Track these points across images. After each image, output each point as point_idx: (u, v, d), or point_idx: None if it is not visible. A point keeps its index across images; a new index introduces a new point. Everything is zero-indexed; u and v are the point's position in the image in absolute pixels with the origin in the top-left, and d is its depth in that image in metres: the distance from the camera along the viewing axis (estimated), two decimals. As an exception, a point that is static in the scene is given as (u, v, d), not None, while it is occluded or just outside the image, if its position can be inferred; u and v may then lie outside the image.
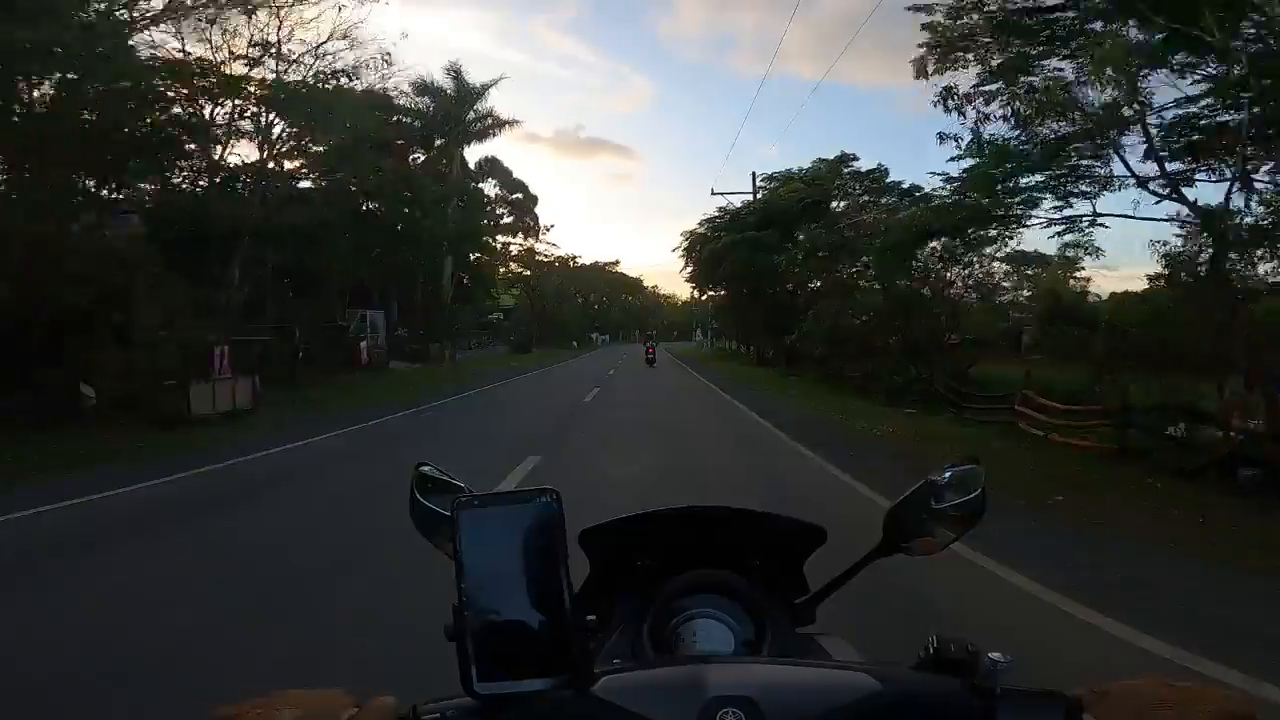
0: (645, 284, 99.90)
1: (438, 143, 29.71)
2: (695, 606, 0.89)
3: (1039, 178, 9.10)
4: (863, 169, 23.66)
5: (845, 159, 24.25)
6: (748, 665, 0.70)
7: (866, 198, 22.55)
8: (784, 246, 23.03)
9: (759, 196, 26.98)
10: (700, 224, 33.02)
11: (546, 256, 52.01)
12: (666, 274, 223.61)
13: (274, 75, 15.89)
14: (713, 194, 46.41)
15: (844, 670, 0.58)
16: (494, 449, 8.73)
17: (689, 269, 34.82)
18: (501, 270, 46.11)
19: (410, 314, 29.67)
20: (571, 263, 60.51)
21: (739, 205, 28.21)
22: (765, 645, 0.85)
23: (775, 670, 0.64)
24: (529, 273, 52.25)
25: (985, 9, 8.43)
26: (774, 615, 0.89)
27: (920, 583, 3.40)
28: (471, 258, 33.09)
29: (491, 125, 31.09)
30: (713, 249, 28.42)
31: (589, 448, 9.06)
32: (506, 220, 42.93)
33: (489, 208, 38.20)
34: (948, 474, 0.85)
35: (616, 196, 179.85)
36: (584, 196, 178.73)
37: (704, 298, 45.09)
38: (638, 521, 0.98)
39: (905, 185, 20.47)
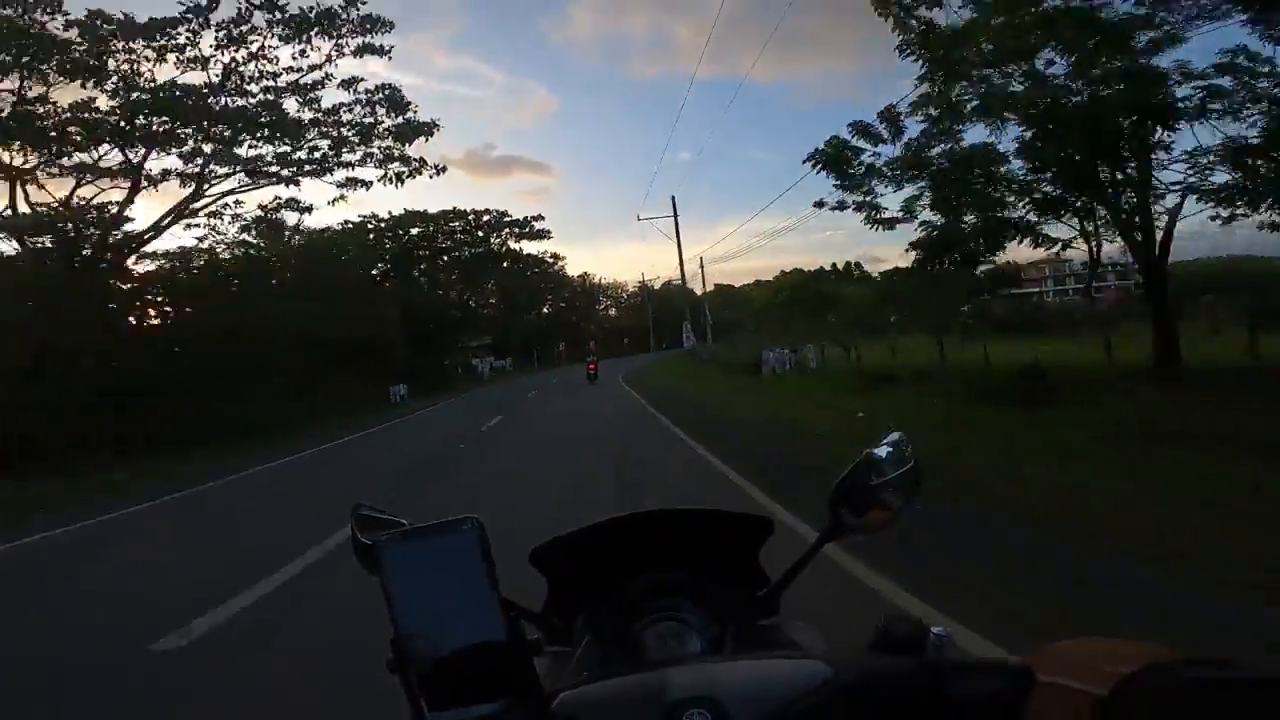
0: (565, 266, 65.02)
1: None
2: (657, 610, 0.90)
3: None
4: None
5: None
6: (710, 665, 0.71)
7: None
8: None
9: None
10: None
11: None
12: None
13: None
14: (639, 219, 51.25)
15: (802, 659, 0.60)
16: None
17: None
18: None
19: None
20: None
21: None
22: (729, 641, 0.86)
23: (736, 667, 0.64)
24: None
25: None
26: (735, 610, 0.91)
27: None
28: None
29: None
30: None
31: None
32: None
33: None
34: (879, 447, 0.86)
35: (541, 212, 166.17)
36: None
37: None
38: (587, 534, 0.99)
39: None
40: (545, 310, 66.89)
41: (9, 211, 16.43)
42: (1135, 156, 10.26)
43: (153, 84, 16.94)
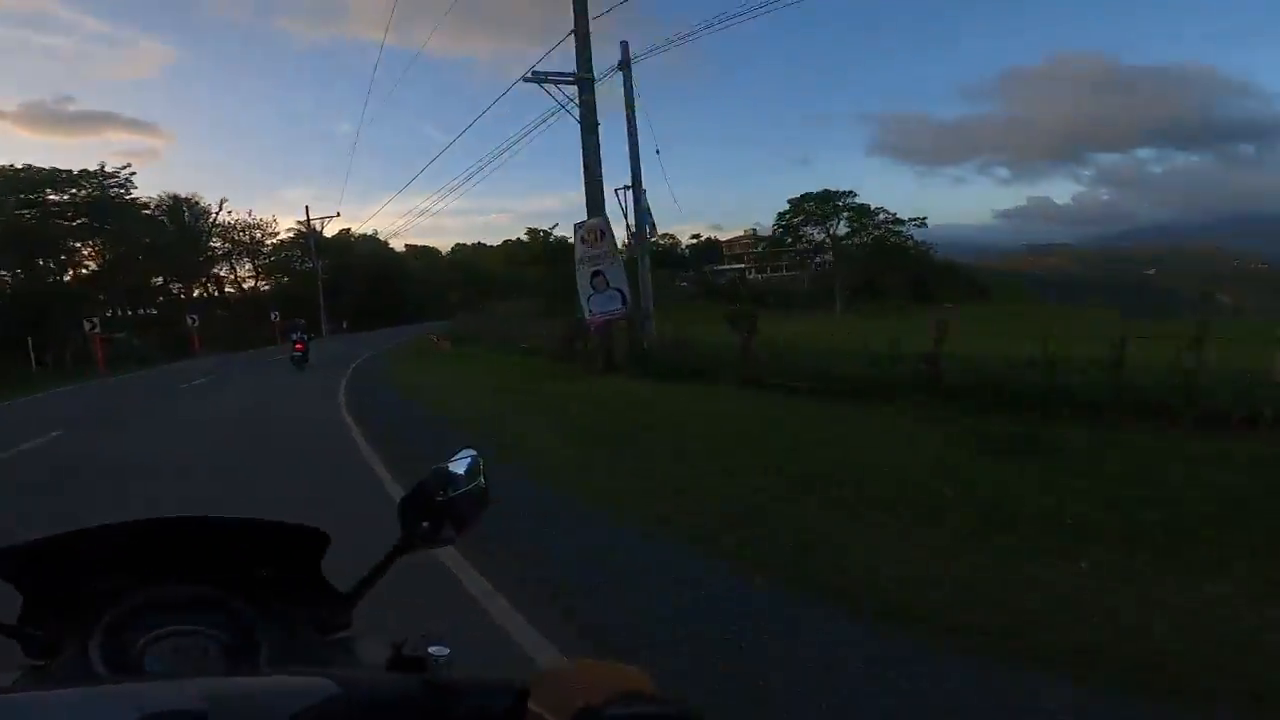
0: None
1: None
2: (171, 623, 0.84)
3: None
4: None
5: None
6: (206, 680, 0.60)
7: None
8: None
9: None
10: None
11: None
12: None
13: None
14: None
15: (305, 676, 0.57)
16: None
17: None
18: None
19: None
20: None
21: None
22: (262, 657, 0.83)
23: (234, 683, 0.61)
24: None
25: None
26: (271, 626, 0.87)
27: None
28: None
29: None
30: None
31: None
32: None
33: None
34: (449, 464, 0.91)
35: (145, 179, 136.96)
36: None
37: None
38: (81, 540, 0.88)
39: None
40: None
41: None
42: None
43: None
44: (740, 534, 4.27)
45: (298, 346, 19.73)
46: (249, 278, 53.94)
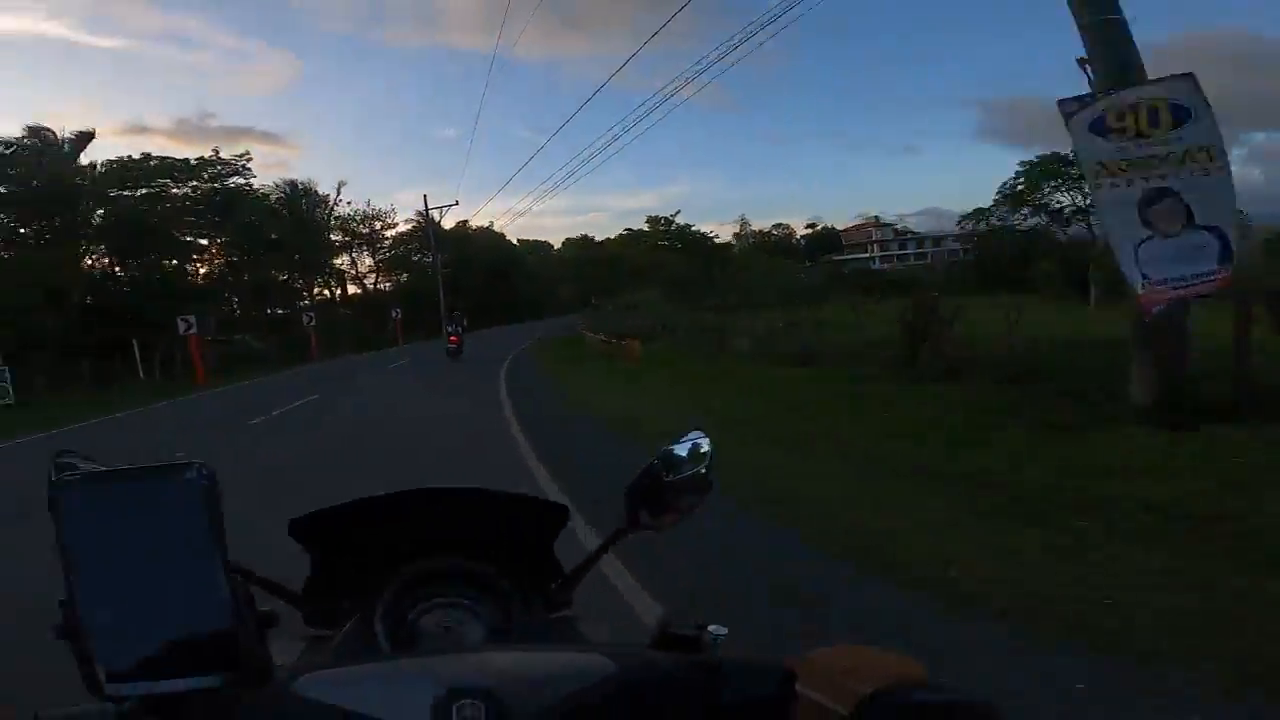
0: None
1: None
2: (437, 596, 0.87)
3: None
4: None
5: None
6: (486, 654, 0.64)
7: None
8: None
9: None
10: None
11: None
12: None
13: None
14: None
15: (581, 654, 0.58)
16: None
17: None
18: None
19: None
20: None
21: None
22: (514, 632, 0.85)
23: (514, 658, 0.60)
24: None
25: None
26: (523, 601, 0.89)
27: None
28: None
29: None
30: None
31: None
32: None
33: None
34: (677, 446, 0.87)
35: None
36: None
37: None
38: (362, 507, 0.92)
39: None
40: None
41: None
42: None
43: None
44: None
45: (452, 340, 19.69)
46: (369, 273, 49.43)
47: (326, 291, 45.26)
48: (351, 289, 48.13)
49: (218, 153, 33.58)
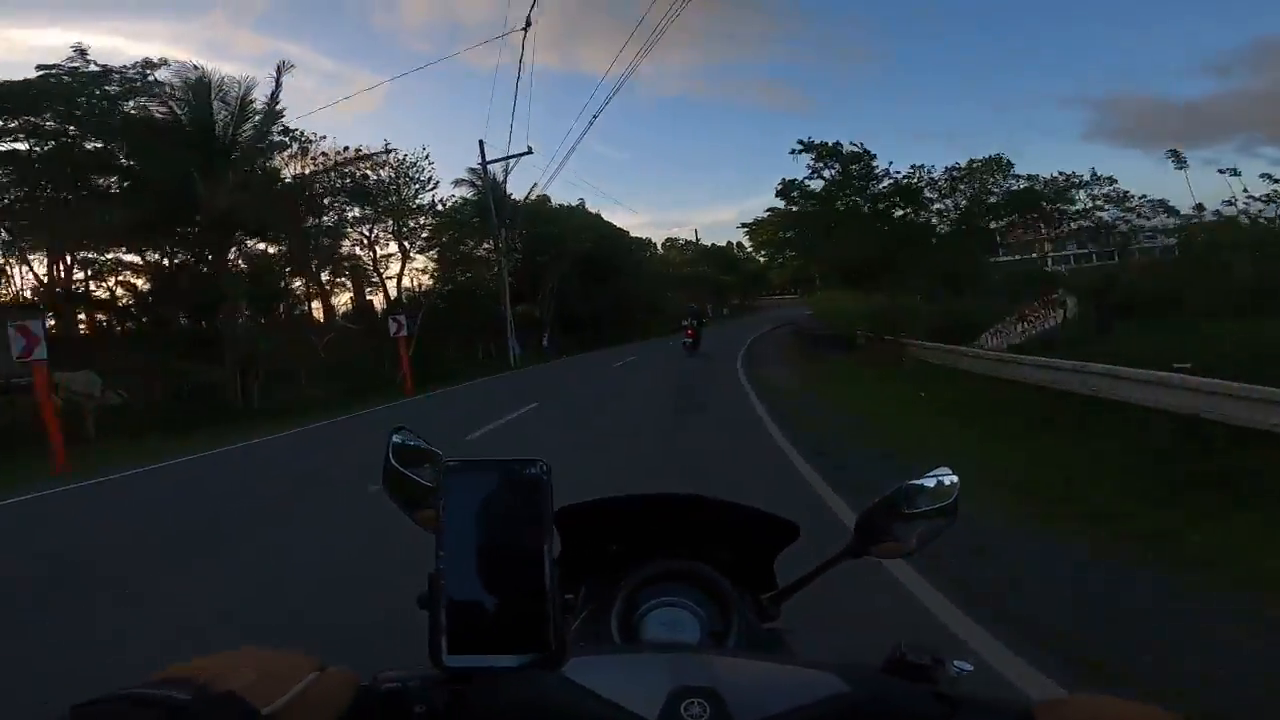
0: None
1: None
2: (662, 595, 0.87)
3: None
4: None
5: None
6: (715, 657, 0.66)
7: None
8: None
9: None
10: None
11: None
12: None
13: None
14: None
15: (811, 669, 0.56)
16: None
17: None
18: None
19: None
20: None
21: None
22: (731, 638, 0.84)
23: (742, 664, 0.61)
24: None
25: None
26: (741, 608, 0.87)
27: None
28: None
29: None
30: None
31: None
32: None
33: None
34: (921, 480, 0.86)
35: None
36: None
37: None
38: (612, 504, 0.96)
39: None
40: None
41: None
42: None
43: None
44: None
45: (689, 333, 20.20)
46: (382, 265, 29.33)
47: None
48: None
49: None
